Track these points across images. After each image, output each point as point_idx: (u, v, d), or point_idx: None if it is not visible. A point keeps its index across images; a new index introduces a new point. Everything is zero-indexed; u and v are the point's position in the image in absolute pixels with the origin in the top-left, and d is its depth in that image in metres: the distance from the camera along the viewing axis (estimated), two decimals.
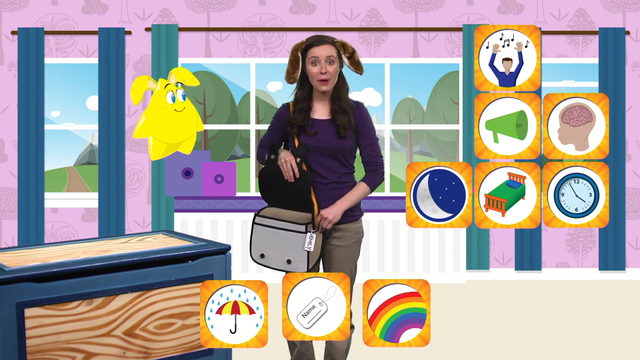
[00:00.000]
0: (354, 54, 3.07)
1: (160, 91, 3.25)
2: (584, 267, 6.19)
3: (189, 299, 2.47)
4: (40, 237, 6.04)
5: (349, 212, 3.08)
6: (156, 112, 3.24)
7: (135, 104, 3.18)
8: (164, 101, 3.25)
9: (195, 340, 2.50)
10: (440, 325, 4.66)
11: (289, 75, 3.09)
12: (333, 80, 3.05)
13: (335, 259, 3.07)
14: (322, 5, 6.16)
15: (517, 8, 6.19)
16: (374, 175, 3.11)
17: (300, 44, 3.07)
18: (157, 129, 3.25)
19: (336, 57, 3.03)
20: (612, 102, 6.03)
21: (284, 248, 2.96)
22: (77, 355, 2.25)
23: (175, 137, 3.29)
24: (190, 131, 3.33)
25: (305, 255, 2.93)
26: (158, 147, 3.29)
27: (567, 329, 4.58)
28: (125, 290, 2.32)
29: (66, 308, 2.21)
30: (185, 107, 3.29)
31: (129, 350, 2.34)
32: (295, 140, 3.05)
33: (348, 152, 3.06)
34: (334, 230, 3.06)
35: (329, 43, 3.04)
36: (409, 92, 8.82)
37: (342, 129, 3.02)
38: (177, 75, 3.29)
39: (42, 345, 2.17)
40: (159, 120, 3.24)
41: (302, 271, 2.94)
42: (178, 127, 3.28)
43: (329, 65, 3.01)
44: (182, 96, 3.29)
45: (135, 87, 3.18)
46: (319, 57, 3.00)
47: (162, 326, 2.41)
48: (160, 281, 2.40)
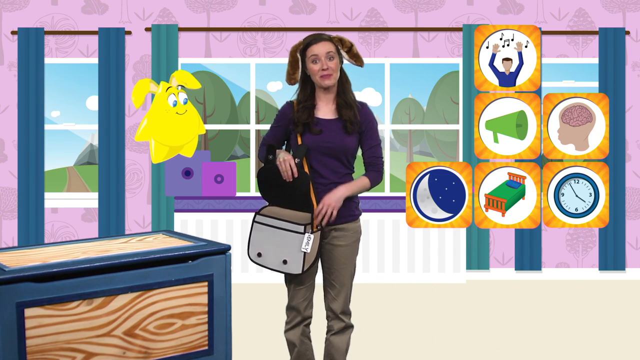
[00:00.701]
0: (352, 47, 3.08)
1: (162, 94, 3.25)
2: (584, 267, 6.19)
3: (189, 299, 2.47)
4: (40, 237, 6.04)
5: (349, 212, 3.07)
6: (158, 115, 3.25)
7: (137, 107, 3.18)
8: (166, 104, 3.26)
9: (195, 340, 2.50)
10: (440, 325, 4.66)
11: (289, 76, 3.10)
12: (335, 75, 3.05)
13: (336, 259, 3.07)
14: (322, 5, 6.16)
15: (517, 8, 6.19)
16: (376, 174, 3.12)
17: (298, 45, 3.07)
18: (159, 132, 3.25)
19: (335, 53, 3.04)
20: (612, 102, 6.03)
21: (280, 248, 2.95)
22: (77, 355, 2.25)
23: (177, 141, 3.30)
24: (192, 134, 3.34)
25: (302, 256, 2.91)
26: (160, 150, 3.29)
27: (567, 329, 4.57)
28: (125, 290, 2.32)
29: (66, 308, 2.21)
30: (187, 110, 3.30)
31: (129, 350, 2.34)
32: (298, 138, 3.05)
33: (350, 153, 3.06)
34: (333, 230, 3.05)
35: (326, 40, 3.05)
36: (409, 92, 8.82)
37: (349, 123, 3.03)
38: (179, 78, 3.30)
39: (42, 345, 2.17)
40: (161, 124, 3.25)
41: (297, 272, 2.94)
42: (180, 130, 3.29)
43: (329, 60, 3.02)
44: (184, 100, 3.29)
45: (137, 90, 3.19)
46: (319, 55, 3.01)
47: (162, 326, 2.41)
48: (160, 281, 2.40)
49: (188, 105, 3.32)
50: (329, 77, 3.02)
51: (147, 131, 3.27)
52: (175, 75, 3.31)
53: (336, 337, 3.12)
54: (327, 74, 3.02)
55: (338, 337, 3.12)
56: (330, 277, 3.09)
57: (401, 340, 4.33)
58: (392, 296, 5.50)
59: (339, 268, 3.07)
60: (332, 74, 3.03)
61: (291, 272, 2.94)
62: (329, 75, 3.02)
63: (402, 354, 4.08)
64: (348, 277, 3.09)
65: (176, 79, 3.30)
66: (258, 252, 3.00)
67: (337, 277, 3.07)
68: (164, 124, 3.25)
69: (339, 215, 3.03)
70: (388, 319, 4.81)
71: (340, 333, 3.12)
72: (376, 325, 4.65)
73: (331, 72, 3.02)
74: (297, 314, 3.08)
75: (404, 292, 5.65)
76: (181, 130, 3.29)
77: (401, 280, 5.96)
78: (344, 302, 3.10)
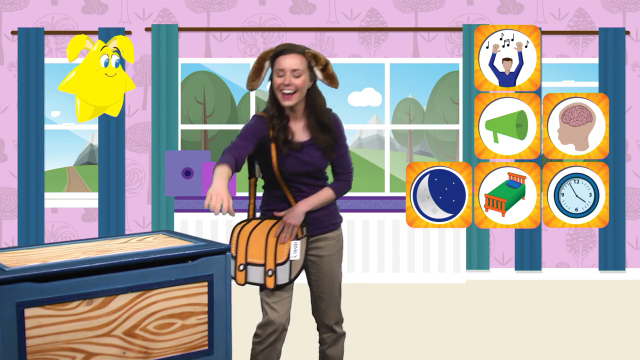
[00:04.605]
0: (327, 66, 2.83)
1: (95, 52, 3.20)
2: (584, 267, 6.19)
3: (189, 299, 2.47)
4: (40, 237, 6.04)
5: (331, 220, 2.99)
6: (87, 71, 3.19)
7: (70, 60, 3.14)
8: (97, 63, 3.20)
9: (195, 340, 2.50)
10: (440, 325, 4.66)
11: (249, 82, 2.87)
12: (299, 95, 2.81)
13: (324, 270, 2.97)
14: (322, 5, 6.16)
15: (517, 8, 6.19)
16: (344, 185, 2.98)
17: (268, 52, 2.86)
18: (84, 89, 3.18)
19: (305, 69, 2.80)
20: (612, 102, 6.03)
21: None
22: (77, 355, 2.25)
23: (101, 101, 3.22)
24: (117, 96, 3.29)
25: (288, 265, 2.85)
26: (85, 109, 3.24)
27: (567, 329, 4.58)
28: (125, 290, 2.33)
29: (66, 308, 2.22)
30: (117, 74, 3.26)
31: (129, 350, 2.35)
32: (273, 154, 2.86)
33: (325, 168, 2.96)
34: (317, 240, 2.97)
35: (297, 53, 2.81)
36: (409, 92, 8.82)
37: (328, 150, 2.89)
38: (119, 43, 3.26)
39: (42, 345, 2.18)
40: (88, 81, 3.18)
41: (285, 282, 2.85)
42: (105, 91, 3.22)
43: (294, 78, 2.77)
44: (116, 62, 3.25)
45: (72, 44, 3.13)
46: (285, 69, 2.78)
47: (162, 326, 2.42)
48: (160, 281, 2.40)
49: (119, 69, 3.27)
50: (289, 97, 2.79)
51: (72, 84, 3.19)
52: (117, 38, 3.27)
53: (331, 349, 3.06)
54: (287, 95, 2.79)
55: (333, 348, 3.06)
56: (319, 289, 2.99)
57: (401, 341, 4.33)
58: (392, 296, 5.50)
59: (327, 279, 2.98)
60: (295, 93, 2.79)
61: (279, 283, 2.85)
62: (289, 96, 2.79)
63: (402, 354, 4.08)
64: (337, 286, 3.01)
65: (116, 42, 3.26)
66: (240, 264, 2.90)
67: (326, 289, 2.98)
68: (90, 82, 3.18)
69: (322, 225, 2.96)
70: (388, 319, 4.81)
71: (335, 344, 3.06)
72: (376, 325, 4.65)
73: (293, 91, 2.78)
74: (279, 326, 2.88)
75: (404, 292, 5.65)
76: (107, 91, 3.22)
77: (401, 280, 5.96)
78: (337, 313, 3.02)
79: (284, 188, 2.91)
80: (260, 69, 2.84)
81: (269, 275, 2.86)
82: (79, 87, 3.18)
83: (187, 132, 9.51)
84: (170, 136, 6.10)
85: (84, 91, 3.19)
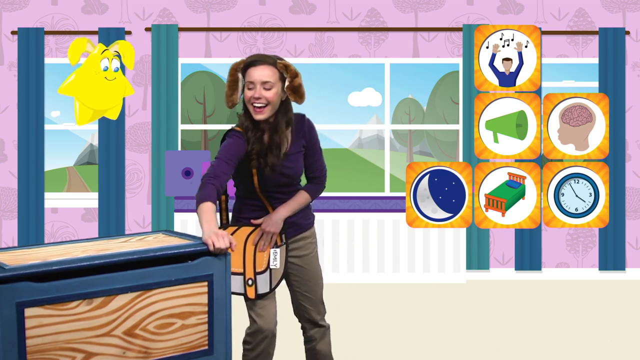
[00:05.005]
0: (295, 77, 2.70)
1: (96, 55, 3.21)
2: (584, 267, 6.19)
3: (189, 298, 2.47)
4: (40, 237, 6.04)
5: (307, 220, 2.98)
6: (86, 74, 3.20)
7: (72, 64, 3.14)
8: (97, 66, 3.21)
9: (195, 340, 2.50)
10: (440, 325, 4.66)
11: (227, 98, 2.75)
12: (271, 108, 2.71)
13: (306, 269, 2.95)
14: (322, 5, 6.17)
15: (517, 8, 6.19)
16: (317, 186, 2.95)
17: (239, 63, 2.73)
18: (84, 93, 3.19)
19: (277, 81, 2.70)
20: (612, 102, 6.04)
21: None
22: (77, 355, 2.25)
23: (100, 104, 3.23)
24: (116, 100, 3.30)
25: (268, 274, 2.82)
26: (84, 112, 3.25)
27: (567, 329, 4.58)
28: (125, 290, 2.32)
29: (66, 308, 2.21)
30: (116, 78, 3.27)
31: (129, 350, 2.34)
32: (254, 172, 2.83)
33: (300, 174, 2.94)
34: (294, 241, 2.94)
35: (268, 64, 2.70)
36: (409, 92, 8.82)
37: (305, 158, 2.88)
38: (121, 47, 3.27)
39: (42, 345, 2.18)
40: (87, 84, 3.18)
41: (265, 292, 2.82)
42: (104, 94, 3.23)
43: (265, 90, 2.68)
44: (116, 67, 3.26)
45: (73, 47, 3.14)
46: (255, 81, 2.68)
47: (162, 326, 2.41)
48: (160, 281, 2.40)
49: (118, 73, 3.28)
50: (260, 110, 2.69)
51: (71, 87, 3.20)
52: (119, 43, 3.27)
53: (321, 344, 3.04)
54: (258, 108, 2.69)
55: (322, 343, 3.05)
56: (302, 288, 2.96)
57: (401, 341, 4.33)
58: (392, 296, 5.50)
59: (311, 277, 2.96)
60: (266, 106, 2.70)
61: (260, 292, 2.81)
62: (260, 109, 2.69)
63: (402, 354, 4.08)
64: (320, 282, 3.00)
65: (118, 47, 3.27)
66: None
67: (311, 287, 2.97)
68: (90, 85, 3.18)
69: (300, 227, 2.95)
70: (388, 319, 4.81)
71: (323, 338, 3.05)
72: (376, 325, 4.65)
73: (264, 104, 2.69)
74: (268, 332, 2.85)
75: (404, 292, 5.65)
76: (106, 95, 3.23)
77: (401, 280, 5.96)
78: (322, 307, 3.02)
79: (261, 197, 2.88)
80: (235, 81, 2.73)
81: (249, 284, 2.82)
82: (79, 90, 3.19)
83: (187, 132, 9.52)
84: (170, 136, 6.10)
85: (83, 94, 3.19)
